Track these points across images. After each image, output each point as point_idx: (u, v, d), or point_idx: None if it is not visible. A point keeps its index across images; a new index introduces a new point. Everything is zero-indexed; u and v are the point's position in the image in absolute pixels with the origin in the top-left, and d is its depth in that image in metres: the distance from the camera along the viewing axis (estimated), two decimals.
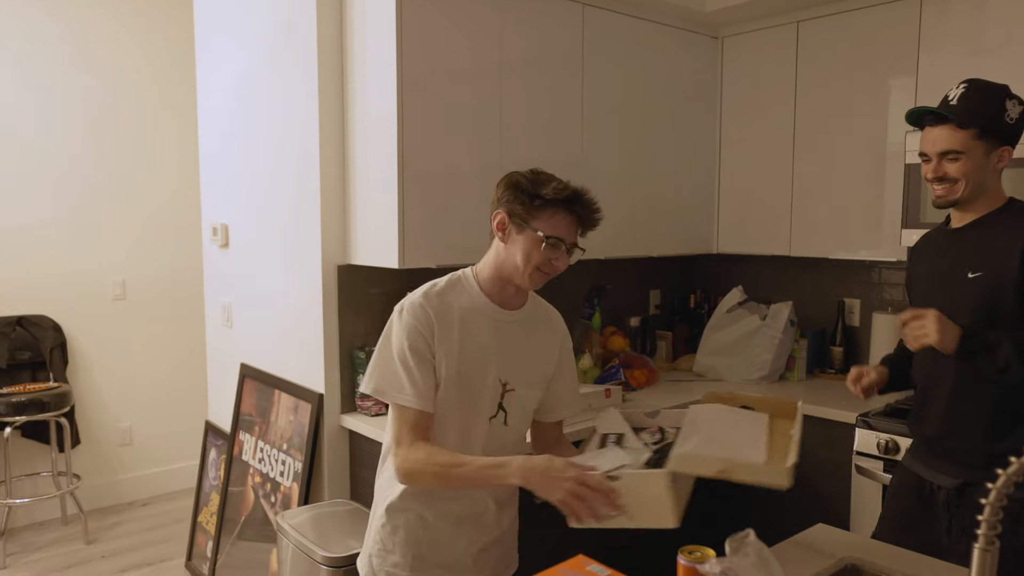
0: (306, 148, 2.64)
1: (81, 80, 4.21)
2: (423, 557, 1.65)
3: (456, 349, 1.57)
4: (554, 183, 1.58)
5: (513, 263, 1.58)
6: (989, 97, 1.78)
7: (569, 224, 1.57)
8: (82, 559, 3.72)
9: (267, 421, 2.94)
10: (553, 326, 1.75)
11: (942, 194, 1.81)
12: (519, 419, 1.68)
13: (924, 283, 1.97)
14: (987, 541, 0.98)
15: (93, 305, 4.30)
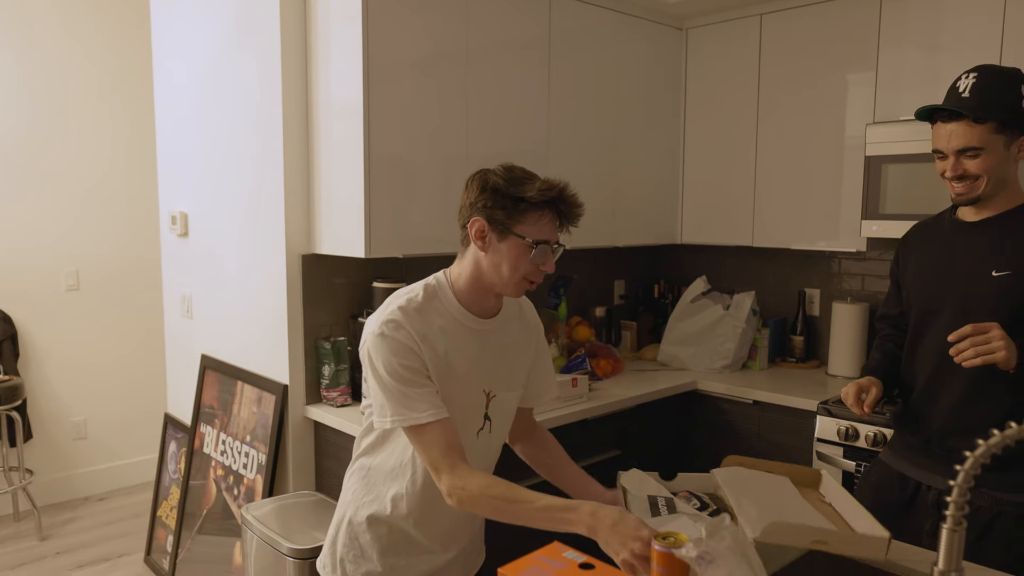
0: (269, 136, 2.60)
1: (32, 65, 4.07)
2: (400, 566, 1.60)
3: (441, 369, 1.47)
4: (536, 183, 1.46)
5: (497, 273, 1.47)
6: (1004, 85, 1.68)
7: (553, 224, 1.46)
8: (35, 556, 3.63)
9: (229, 413, 2.89)
10: (527, 321, 1.67)
11: (962, 191, 1.72)
12: (502, 422, 1.63)
13: (926, 277, 1.87)
14: (955, 522, 1.00)
15: (45, 296, 4.19)
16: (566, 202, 1.46)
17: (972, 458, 0.97)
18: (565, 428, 2.56)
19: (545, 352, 1.73)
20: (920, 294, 1.87)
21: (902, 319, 1.99)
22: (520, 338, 1.63)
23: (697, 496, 1.58)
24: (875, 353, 2.04)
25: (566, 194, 1.46)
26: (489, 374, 1.55)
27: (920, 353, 1.87)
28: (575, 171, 2.98)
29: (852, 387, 1.85)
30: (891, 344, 2.01)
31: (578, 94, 2.97)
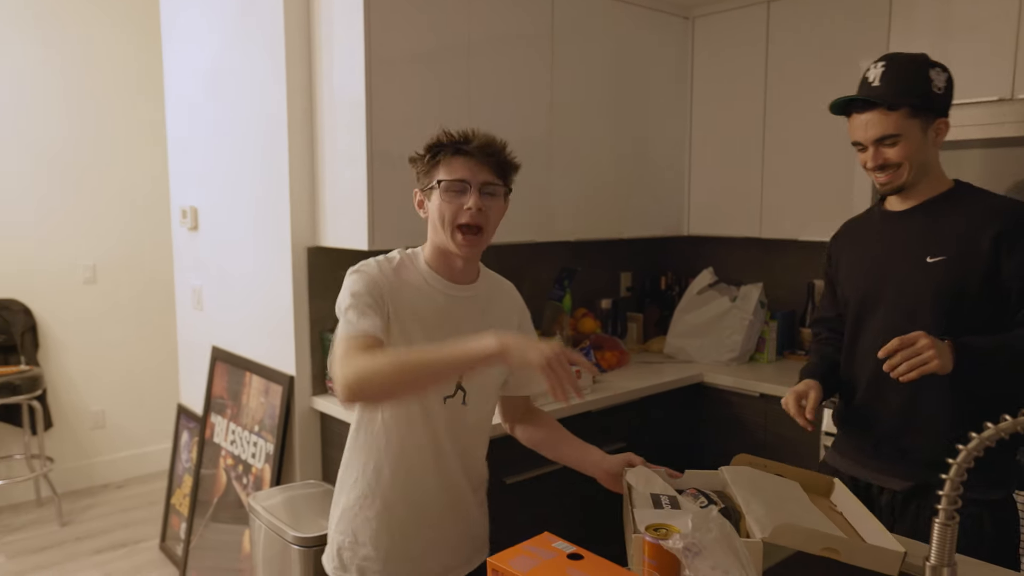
0: (274, 130, 2.62)
1: (48, 63, 4.13)
2: (395, 549, 1.60)
3: (407, 325, 1.50)
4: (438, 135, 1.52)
5: (436, 230, 1.52)
6: (912, 71, 1.68)
7: (467, 165, 1.48)
8: (56, 541, 3.71)
9: (239, 403, 2.94)
10: (510, 300, 1.70)
11: (886, 181, 1.71)
12: (480, 397, 1.62)
13: (860, 270, 1.84)
14: (947, 516, 1.01)
15: (63, 289, 4.26)
16: (465, 138, 1.49)
17: (965, 451, 0.98)
18: (568, 420, 2.57)
19: (532, 336, 1.72)
20: (855, 290, 1.84)
21: (838, 321, 1.96)
22: (501, 314, 1.65)
23: (704, 494, 1.55)
24: (812, 357, 2.00)
25: (473, 136, 1.49)
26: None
27: (860, 351, 1.82)
28: (579, 163, 2.98)
29: (790, 396, 1.79)
30: (829, 347, 1.97)
31: (582, 85, 2.97)
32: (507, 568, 1.12)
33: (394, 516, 1.59)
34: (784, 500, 1.45)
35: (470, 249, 1.52)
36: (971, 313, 1.64)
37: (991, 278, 1.62)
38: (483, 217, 1.49)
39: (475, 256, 1.58)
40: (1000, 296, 1.63)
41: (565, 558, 1.15)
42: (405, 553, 1.60)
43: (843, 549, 1.26)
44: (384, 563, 1.59)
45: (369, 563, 1.60)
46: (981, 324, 1.63)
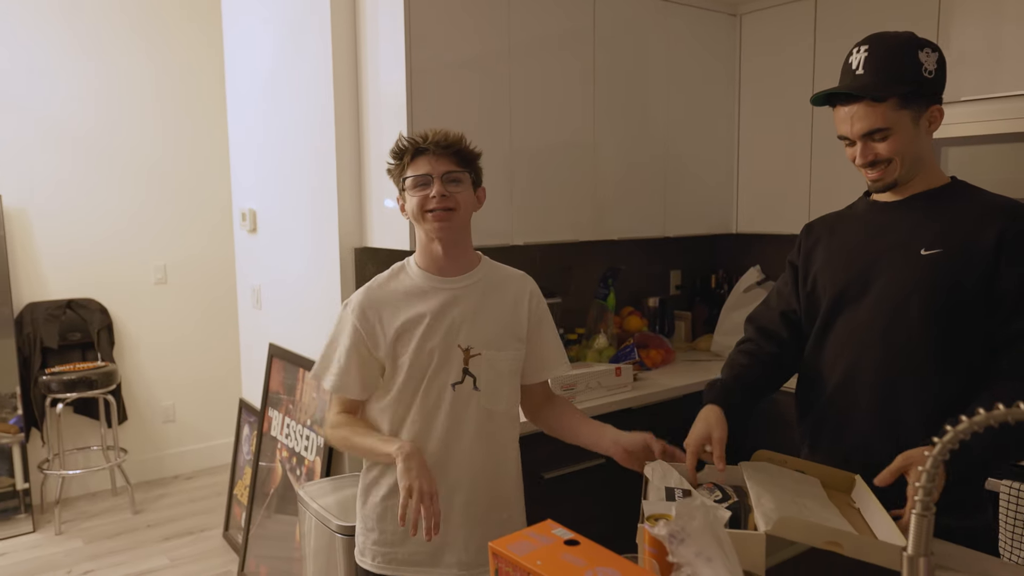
0: (323, 135, 2.73)
1: (122, 64, 4.38)
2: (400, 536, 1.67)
3: (405, 327, 1.65)
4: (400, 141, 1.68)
5: (418, 226, 1.67)
6: (898, 54, 1.52)
7: (428, 161, 1.63)
8: (130, 527, 3.93)
9: (293, 398, 3.06)
10: (516, 289, 1.77)
11: (878, 177, 1.58)
12: (491, 382, 1.68)
13: (841, 259, 1.68)
14: (923, 507, 1.01)
15: (137, 289, 4.50)
16: (423, 137, 1.64)
17: (940, 444, 0.98)
18: (608, 416, 2.60)
19: (547, 323, 1.80)
20: (833, 280, 1.67)
21: (774, 325, 1.81)
22: (505, 300, 1.73)
23: (720, 488, 1.56)
24: (724, 371, 1.79)
25: (421, 134, 1.65)
26: (463, 330, 1.66)
27: (832, 344, 1.67)
28: (623, 162, 3.00)
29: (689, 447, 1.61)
30: (745, 358, 1.79)
31: (625, 85, 2.99)
32: (505, 552, 1.17)
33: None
34: (798, 495, 1.45)
35: (443, 228, 1.63)
36: (962, 311, 1.51)
37: (988, 279, 1.49)
38: (451, 200, 1.62)
39: (454, 239, 1.67)
40: (992, 299, 1.49)
41: (562, 544, 1.20)
42: (412, 541, 1.66)
43: (846, 543, 1.26)
44: (391, 547, 1.67)
45: (378, 548, 1.69)
46: (969, 326, 1.52)
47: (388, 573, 1.69)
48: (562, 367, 1.83)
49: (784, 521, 1.28)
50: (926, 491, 1.01)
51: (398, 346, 1.65)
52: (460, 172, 1.65)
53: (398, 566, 1.68)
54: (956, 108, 2.59)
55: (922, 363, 1.54)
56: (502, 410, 1.72)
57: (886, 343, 1.57)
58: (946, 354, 1.53)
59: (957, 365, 1.52)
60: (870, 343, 1.59)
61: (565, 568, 1.11)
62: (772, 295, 1.88)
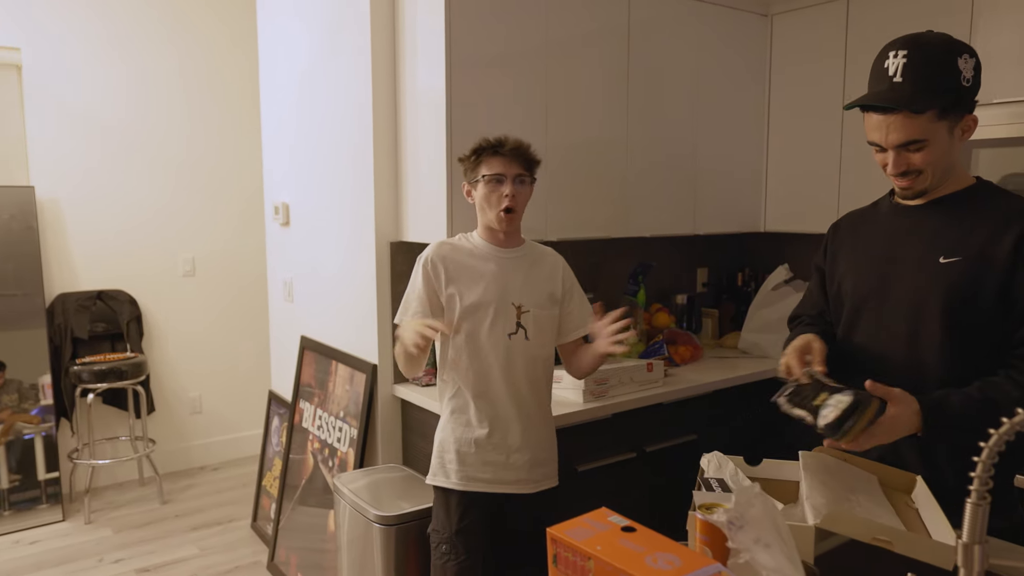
0: (360, 130, 2.77)
1: (152, 57, 4.43)
2: (472, 457, 2.05)
3: (469, 282, 2.02)
4: (481, 141, 2.02)
5: (483, 213, 2.04)
6: (940, 62, 1.47)
7: (502, 162, 1.99)
8: (158, 517, 3.99)
9: (325, 390, 3.10)
10: (553, 261, 2.14)
11: (908, 186, 1.56)
12: (539, 334, 2.06)
13: (863, 265, 1.69)
14: (979, 496, 1.03)
15: (165, 281, 4.56)
16: (504, 144, 1.99)
17: (996, 435, 0.99)
18: (640, 411, 2.63)
19: (577, 288, 2.17)
20: (855, 285, 1.69)
21: (819, 318, 1.84)
22: (544, 268, 2.12)
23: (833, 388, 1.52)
24: (797, 329, 1.80)
25: (505, 140, 2.00)
26: (516, 291, 2.04)
27: (854, 349, 1.68)
28: (655, 160, 3.02)
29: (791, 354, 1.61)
30: (810, 328, 1.78)
31: (658, 84, 3.01)
32: (565, 537, 1.20)
33: (473, 430, 2.05)
34: (852, 491, 1.46)
35: (509, 225, 2.03)
36: (977, 318, 1.51)
37: (1005, 285, 1.48)
38: (516, 201, 2.00)
39: (513, 230, 2.07)
40: (1007, 304, 1.49)
41: (619, 530, 1.22)
42: (482, 460, 2.04)
43: (897, 540, 1.27)
44: (462, 466, 2.05)
45: (452, 466, 2.06)
46: (987, 331, 1.52)
47: (462, 488, 2.05)
48: (586, 328, 2.13)
49: (834, 515, 1.30)
50: (981, 481, 1.03)
51: (462, 290, 2.01)
52: (526, 175, 2.03)
53: (469, 482, 2.05)
54: (989, 110, 2.59)
55: (939, 368, 1.55)
56: (544, 356, 2.10)
57: (906, 350, 1.59)
58: (963, 359, 1.54)
59: (969, 368, 1.53)
60: (890, 350, 1.61)
61: (625, 554, 1.14)
62: (806, 297, 1.92)
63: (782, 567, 1.07)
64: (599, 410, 2.52)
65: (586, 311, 2.15)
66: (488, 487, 2.05)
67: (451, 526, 2.06)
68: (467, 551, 2.05)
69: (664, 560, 1.12)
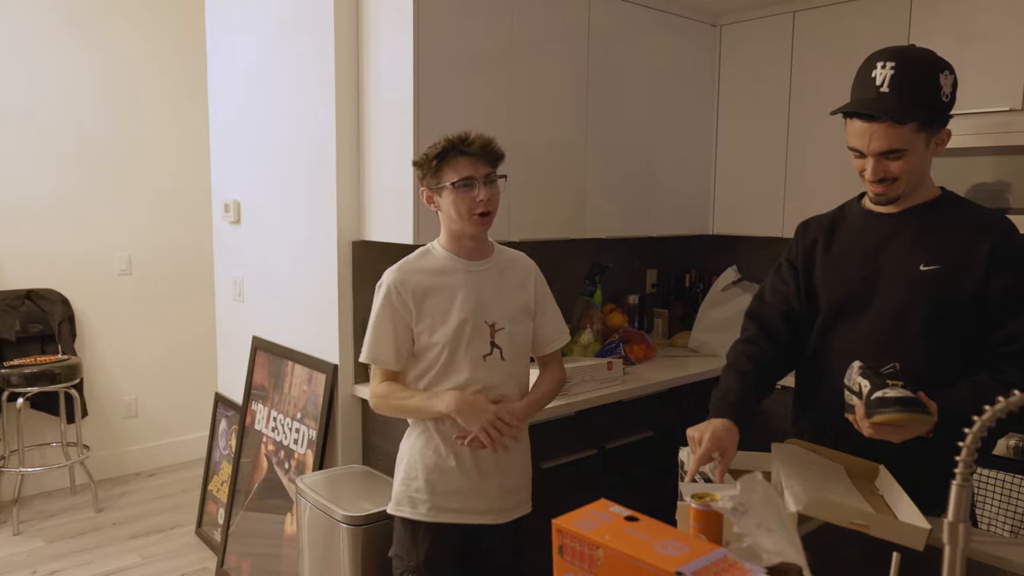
0: (322, 127, 2.74)
1: (87, 52, 4.27)
2: (442, 485, 1.91)
3: (438, 306, 1.87)
4: (440, 142, 1.83)
5: (452, 220, 1.86)
6: (924, 76, 1.54)
7: (470, 163, 1.82)
8: (93, 526, 3.83)
9: (280, 391, 3.05)
10: (524, 267, 2.01)
11: (882, 192, 1.62)
12: (514, 353, 1.94)
13: (842, 270, 1.74)
14: (963, 478, 1.11)
15: (100, 280, 4.39)
16: (469, 142, 1.81)
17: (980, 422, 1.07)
18: (601, 409, 2.68)
19: (548, 298, 2.05)
20: (832, 290, 1.74)
21: (776, 322, 1.83)
22: (516, 278, 1.98)
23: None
24: (732, 379, 1.77)
25: (467, 137, 1.82)
26: (489, 308, 1.90)
27: (832, 354, 1.73)
28: (612, 163, 3.09)
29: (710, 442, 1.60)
30: (750, 363, 1.79)
31: (616, 89, 3.08)
32: (571, 528, 1.23)
33: (443, 457, 1.91)
34: (826, 479, 1.54)
35: (485, 229, 1.89)
36: (957, 324, 1.60)
37: (981, 293, 1.57)
38: (491, 204, 1.85)
39: (485, 234, 1.93)
40: (982, 309, 1.58)
41: (623, 520, 1.26)
42: (454, 488, 1.91)
43: (872, 524, 1.35)
44: (431, 495, 1.91)
45: (421, 495, 1.92)
46: (963, 337, 1.61)
47: (430, 520, 1.92)
48: (559, 341, 2.06)
49: (815, 501, 1.38)
50: (966, 464, 1.11)
51: (434, 320, 1.87)
52: (495, 173, 1.87)
53: (439, 512, 1.92)
54: None
55: (917, 371, 1.60)
56: (520, 374, 1.98)
57: (885, 353, 1.64)
58: (938, 361, 1.61)
59: (947, 371, 1.60)
60: (870, 353, 1.65)
61: (633, 542, 1.17)
62: (766, 291, 1.90)
63: (783, 550, 1.12)
64: (563, 408, 2.56)
65: (559, 322, 2.05)
66: (459, 517, 1.92)
67: (417, 556, 1.93)
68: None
69: (672, 547, 1.16)
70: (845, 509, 1.38)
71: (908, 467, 1.59)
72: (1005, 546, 1.45)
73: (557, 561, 1.25)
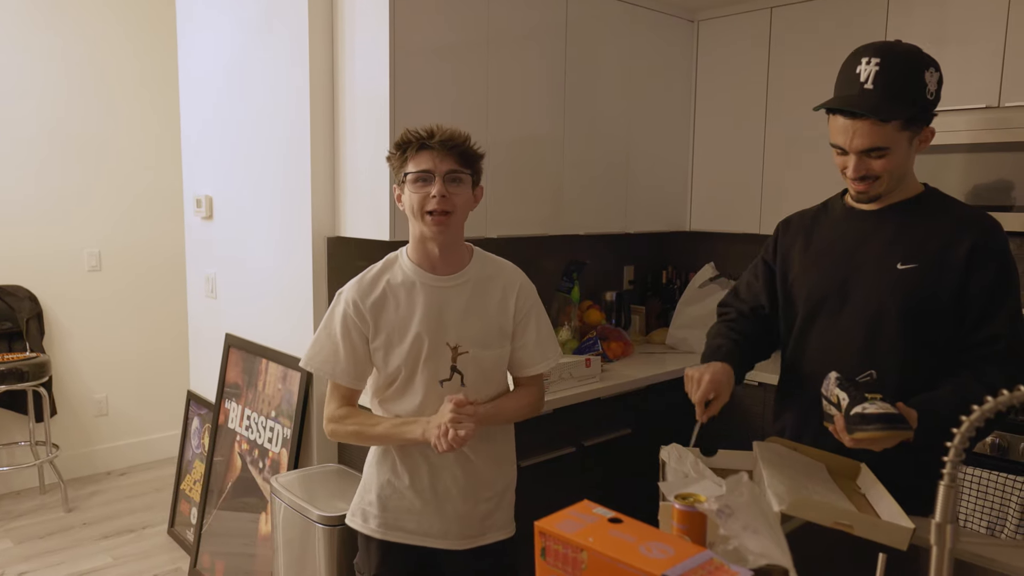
0: (296, 122, 2.69)
1: (55, 47, 4.17)
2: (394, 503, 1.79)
3: (396, 322, 1.71)
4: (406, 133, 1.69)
5: (410, 219, 1.70)
6: (909, 74, 1.52)
7: (432, 157, 1.64)
8: (63, 526, 3.76)
9: (255, 389, 3.00)
10: (506, 282, 1.79)
11: (864, 190, 1.61)
12: (479, 379, 1.75)
13: (820, 268, 1.73)
14: (950, 479, 1.11)
15: (68, 276, 4.30)
16: (428, 133, 1.66)
17: (968, 422, 1.06)
18: (579, 406, 2.67)
19: (536, 317, 1.82)
20: (810, 288, 1.73)
21: (750, 314, 1.87)
22: (495, 297, 1.78)
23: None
24: (721, 340, 1.81)
25: (436, 131, 1.66)
26: (452, 329, 1.72)
27: (810, 353, 1.74)
28: (589, 158, 3.07)
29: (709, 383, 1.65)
30: (737, 334, 1.83)
31: (593, 83, 3.06)
32: (554, 530, 1.21)
33: (398, 475, 1.78)
34: (808, 478, 1.54)
35: (440, 231, 1.67)
36: (934, 323, 1.60)
37: (959, 291, 1.56)
38: (449, 203, 1.65)
39: (449, 240, 1.71)
40: (960, 308, 1.58)
41: (607, 522, 1.25)
42: (406, 506, 1.78)
43: (856, 523, 1.34)
44: (382, 511, 1.80)
45: (371, 508, 1.81)
46: (941, 334, 1.60)
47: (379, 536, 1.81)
48: (541, 366, 1.84)
49: (798, 501, 1.37)
50: (954, 465, 1.11)
51: (391, 339, 1.71)
52: (462, 172, 1.68)
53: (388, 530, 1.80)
54: None
55: (895, 368, 1.62)
56: (489, 398, 1.78)
57: (864, 352, 1.65)
58: (916, 359, 1.62)
59: (923, 368, 1.62)
60: (849, 351, 1.66)
61: (618, 544, 1.16)
62: (742, 287, 1.93)
63: (769, 551, 1.11)
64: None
65: (546, 343, 1.83)
66: (410, 538, 1.79)
67: (370, 568, 1.85)
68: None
69: (658, 549, 1.15)
70: (828, 509, 1.37)
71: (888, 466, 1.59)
72: (989, 546, 1.46)
73: (540, 564, 1.24)
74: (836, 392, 1.53)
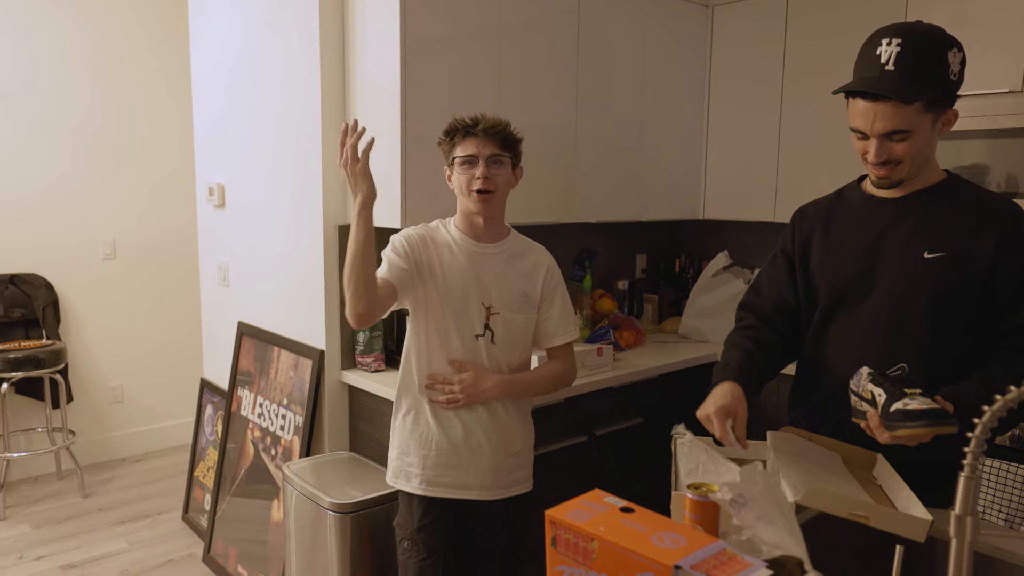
0: (307, 111, 2.68)
1: (71, 38, 4.18)
2: (432, 459, 1.95)
3: (439, 273, 1.91)
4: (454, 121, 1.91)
5: (460, 198, 1.93)
6: (932, 54, 1.47)
7: (476, 143, 1.87)
8: (80, 511, 3.80)
9: (267, 377, 3.01)
10: (538, 258, 2.04)
11: (885, 175, 1.56)
12: (507, 340, 1.96)
13: (842, 256, 1.69)
14: (971, 470, 1.08)
15: (84, 264, 4.33)
16: (474, 121, 1.88)
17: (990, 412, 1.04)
18: (592, 395, 2.66)
19: (560, 293, 2.05)
20: (833, 277, 1.69)
21: (772, 314, 1.81)
22: (525, 269, 2.01)
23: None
24: (733, 352, 1.76)
25: (481, 119, 1.89)
26: (487, 290, 1.93)
27: (832, 344, 1.69)
28: (602, 146, 3.05)
29: (717, 415, 1.58)
30: (752, 343, 1.76)
31: (606, 70, 3.03)
32: (565, 519, 1.20)
33: (433, 432, 1.95)
34: (822, 468, 1.52)
35: (485, 207, 1.91)
36: (960, 312, 1.56)
37: (986, 279, 1.53)
38: (491, 183, 1.89)
39: (492, 214, 1.95)
40: (989, 299, 1.54)
41: (618, 511, 1.24)
42: (444, 462, 1.95)
43: (872, 515, 1.31)
44: (423, 469, 1.96)
45: (412, 468, 1.97)
46: (968, 325, 1.57)
47: (422, 493, 1.97)
48: (565, 336, 2.06)
49: (813, 491, 1.35)
50: (975, 456, 1.09)
51: (436, 277, 1.90)
52: (503, 155, 1.91)
53: (428, 486, 1.96)
54: None
55: (921, 359, 1.58)
56: (515, 364, 2.00)
57: (889, 342, 1.61)
58: (943, 350, 1.58)
59: (950, 359, 1.58)
60: (873, 342, 1.62)
61: (630, 534, 1.15)
62: (762, 283, 1.87)
63: (783, 542, 1.10)
64: (554, 394, 2.52)
65: (566, 319, 2.04)
66: (449, 492, 1.97)
67: (412, 523, 1.99)
68: (427, 551, 1.98)
69: (670, 539, 1.13)
70: (844, 500, 1.35)
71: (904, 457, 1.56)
72: (1008, 539, 1.44)
73: (551, 553, 1.23)
74: (870, 388, 1.48)
